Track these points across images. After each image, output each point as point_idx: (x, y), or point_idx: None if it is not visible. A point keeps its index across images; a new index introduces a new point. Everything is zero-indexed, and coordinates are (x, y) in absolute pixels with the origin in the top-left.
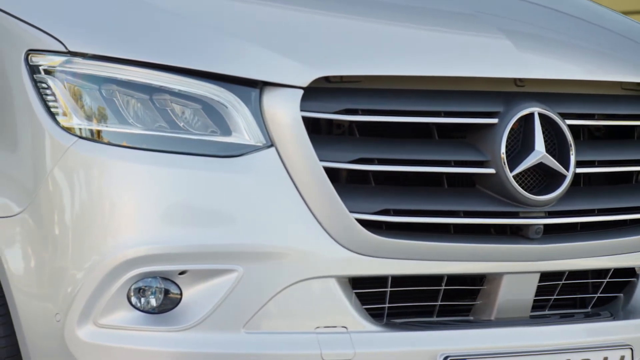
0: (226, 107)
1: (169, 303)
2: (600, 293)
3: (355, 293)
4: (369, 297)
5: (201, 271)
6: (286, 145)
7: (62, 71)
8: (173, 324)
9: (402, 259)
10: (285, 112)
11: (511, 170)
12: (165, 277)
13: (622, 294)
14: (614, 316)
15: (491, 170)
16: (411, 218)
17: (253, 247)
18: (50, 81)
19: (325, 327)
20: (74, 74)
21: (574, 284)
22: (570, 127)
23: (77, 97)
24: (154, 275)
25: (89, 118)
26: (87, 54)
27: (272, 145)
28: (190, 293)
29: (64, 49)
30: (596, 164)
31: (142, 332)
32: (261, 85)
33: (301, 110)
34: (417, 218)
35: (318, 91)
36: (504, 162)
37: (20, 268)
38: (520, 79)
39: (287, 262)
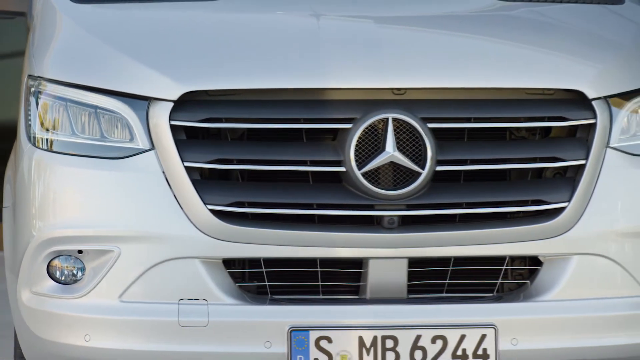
0: (126, 118)
1: (76, 276)
2: (506, 280)
3: (230, 272)
4: (255, 276)
5: (93, 250)
6: (161, 148)
7: (34, 92)
8: (74, 292)
9: (267, 245)
10: (160, 121)
11: (360, 169)
12: (73, 255)
13: (528, 281)
14: (502, 300)
15: (342, 169)
16: (265, 209)
17: (128, 232)
18: (31, 99)
19: (188, 299)
20: (38, 93)
21: (488, 270)
22: (436, 130)
23: (36, 111)
24: (64, 254)
25: (36, 127)
26: (43, 77)
27: (152, 148)
28: (90, 268)
29: (35, 74)
30: (468, 162)
31: (54, 299)
32: (151, 99)
33: (171, 119)
34: (270, 209)
35: (191, 103)
36: (352, 162)
37: (6, 246)
38: (398, 88)
39: (155, 245)
